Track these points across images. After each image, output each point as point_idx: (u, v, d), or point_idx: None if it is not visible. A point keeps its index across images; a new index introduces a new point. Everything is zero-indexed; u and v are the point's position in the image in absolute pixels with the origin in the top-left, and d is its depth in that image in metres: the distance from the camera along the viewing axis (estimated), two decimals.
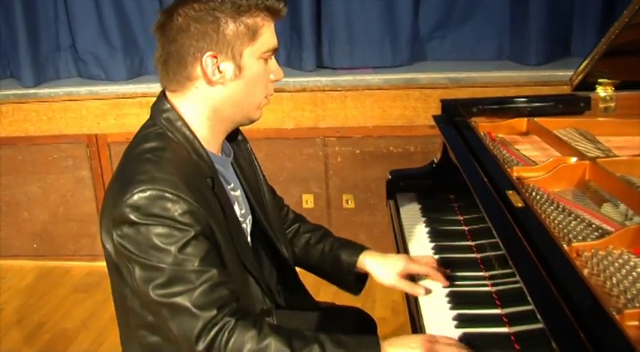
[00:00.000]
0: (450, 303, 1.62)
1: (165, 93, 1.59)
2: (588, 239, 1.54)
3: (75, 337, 3.29)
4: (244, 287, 1.60)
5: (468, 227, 1.98)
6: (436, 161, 2.39)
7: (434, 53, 3.79)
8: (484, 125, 2.33)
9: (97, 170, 3.94)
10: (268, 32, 1.54)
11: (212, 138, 1.60)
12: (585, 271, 1.42)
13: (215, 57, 1.50)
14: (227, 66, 1.51)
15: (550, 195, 1.79)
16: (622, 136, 2.19)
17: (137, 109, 3.73)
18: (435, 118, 2.35)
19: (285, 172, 3.73)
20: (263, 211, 1.78)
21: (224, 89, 1.54)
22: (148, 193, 1.41)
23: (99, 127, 3.85)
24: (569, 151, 2.02)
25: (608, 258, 1.45)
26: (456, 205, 2.14)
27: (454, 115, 2.31)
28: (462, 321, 1.53)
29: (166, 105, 1.56)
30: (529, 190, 1.84)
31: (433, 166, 2.40)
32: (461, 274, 1.75)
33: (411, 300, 1.73)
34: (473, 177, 1.81)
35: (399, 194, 2.34)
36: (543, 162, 1.97)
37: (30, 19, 3.81)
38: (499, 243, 1.50)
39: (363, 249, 1.87)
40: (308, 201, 3.79)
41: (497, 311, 1.54)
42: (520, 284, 1.32)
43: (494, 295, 1.60)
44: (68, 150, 3.94)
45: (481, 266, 1.75)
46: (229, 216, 1.57)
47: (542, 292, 1.25)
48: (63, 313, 3.54)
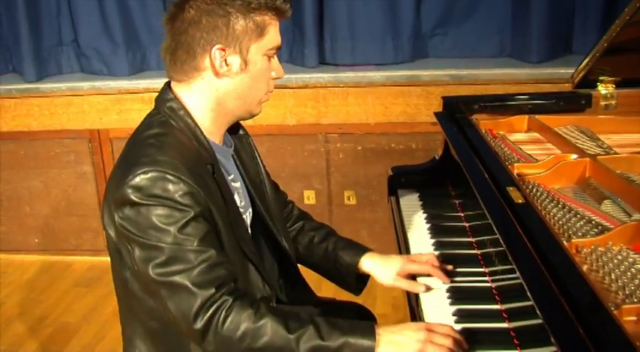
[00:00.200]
0: (450, 299, 1.63)
1: (169, 84, 1.63)
2: (588, 235, 1.55)
3: (76, 331, 3.30)
4: (244, 274, 1.62)
5: (469, 223, 1.99)
6: (437, 158, 2.40)
7: (436, 50, 3.79)
8: (485, 122, 2.34)
9: (99, 165, 3.95)
10: (274, 31, 1.59)
11: (214, 128, 1.64)
12: (585, 267, 1.43)
13: (223, 50, 1.54)
14: (234, 59, 1.56)
15: (550, 192, 1.80)
16: (623, 134, 2.20)
17: (139, 105, 3.74)
18: (437, 115, 2.35)
19: (286, 168, 3.74)
20: (264, 205, 1.79)
21: (229, 82, 1.58)
22: (150, 175, 1.44)
23: (101, 122, 3.86)
24: (569, 148, 2.03)
25: (607, 254, 1.46)
26: (457, 202, 2.15)
27: (455, 112, 2.31)
28: (462, 316, 1.54)
29: (170, 95, 1.60)
30: (530, 187, 1.85)
31: (434, 163, 2.41)
32: (461, 270, 1.75)
33: (412, 296, 1.74)
34: (474, 174, 1.82)
35: (400, 190, 2.34)
36: (544, 159, 1.98)
37: (32, 14, 3.82)
38: (499, 239, 1.51)
39: (365, 251, 1.88)
40: (309, 198, 3.79)
41: (497, 306, 1.55)
42: (520, 280, 1.33)
43: (494, 291, 1.61)
44: (70, 145, 3.95)
45: (481, 262, 1.76)
46: (229, 203, 1.60)
47: (541, 288, 1.26)
48: (64, 307, 3.55)
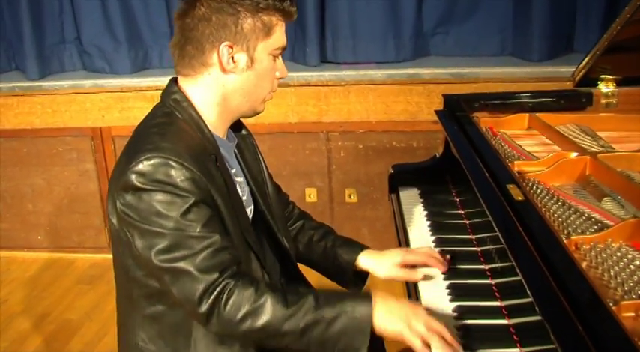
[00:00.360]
0: (450, 295, 1.63)
1: (175, 80, 1.67)
2: (587, 232, 1.56)
3: (78, 328, 3.31)
4: (246, 263, 1.64)
5: (469, 220, 1.99)
6: (438, 155, 2.41)
7: (437, 49, 3.80)
8: (486, 120, 2.34)
9: (102, 163, 3.96)
10: (280, 31, 1.64)
11: (219, 123, 1.67)
12: (584, 264, 1.44)
13: (231, 47, 1.58)
14: (241, 57, 1.60)
15: (550, 190, 1.81)
16: (623, 132, 2.21)
17: (141, 102, 3.75)
18: (438, 113, 2.36)
19: (288, 166, 3.75)
20: (265, 203, 1.81)
21: (236, 78, 1.61)
22: (153, 161, 1.46)
23: (103, 120, 3.87)
24: (569, 146, 2.03)
25: (606, 251, 1.47)
26: (458, 199, 2.16)
27: (456, 110, 2.32)
28: (462, 313, 1.54)
29: (175, 88, 1.64)
30: (530, 184, 1.85)
31: (435, 161, 2.42)
32: (461, 267, 1.76)
33: (412, 291, 1.75)
34: (474, 172, 1.83)
35: (401, 188, 2.35)
36: (544, 156, 1.99)
37: (35, 12, 3.84)
38: (499, 237, 1.52)
39: (363, 248, 1.90)
40: (311, 195, 3.81)
41: (496, 303, 1.56)
42: (519, 276, 1.34)
43: (493, 287, 1.62)
44: (73, 142, 3.97)
45: (481, 259, 1.77)
46: (232, 193, 1.63)
47: (540, 284, 1.27)
48: (67, 304, 3.57)
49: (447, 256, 1.78)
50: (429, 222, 2.07)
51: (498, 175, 1.74)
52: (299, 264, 1.93)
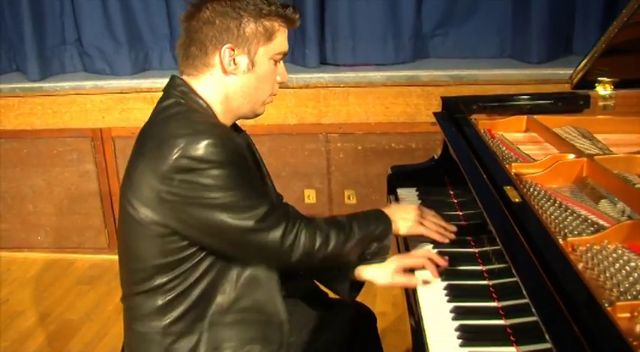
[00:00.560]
0: (448, 296, 1.64)
1: (177, 76, 1.73)
2: (584, 234, 1.57)
3: (79, 328, 3.32)
4: None
5: (467, 222, 2.00)
6: (436, 157, 2.42)
7: (436, 50, 3.81)
8: (484, 122, 2.36)
9: (102, 164, 3.97)
10: (282, 37, 1.73)
11: (224, 120, 1.72)
12: (580, 265, 1.45)
13: (233, 49, 1.65)
14: (242, 59, 1.67)
15: (547, 191, 1.82)
16: (620, 134, 2.22)
17: (141, 104, 3.77)
18: (436, 115, 2.37)
19: (287, 168, 3.76)
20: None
21: (236, 80, 1.68)
22: (199, 142, 1.52)
23: (104, 121, 3.88)
24: (567, 148, 2.04)
25: (602, 253, 1.48)
26: (456, 201, 2.17)
27: (455, 112, 2.33)
28: (460, 314, 1.56)
29: (180, 81, 1.70)
30: (527, 186, 1.87)
31: (433, 162, 2.43)
32: (459, 268, 1.77)
33: (410, 293, 1.76)
34: (472, 173, 1.84)
35: (400, 189, 2.36)
36: (542, 158, 2.00)
37: (36, 13, 3.85)
38: (496, 238, 1.53)
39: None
40: (310, 197, 3.82)
41: (493, 304, 1.57)
42: (516, 277, 1.35)
43: (491, 288, 1.63)
44: (73, 143, 3.98)
45: (479, 260, 1.78)
46: (263, 172, 1.82)
47: (537, 285, 1.28)
48: (67, 305, 3.58)
49: (446, 257, 1.79)
50: None
51: (496, 177, 1.75)
52: None
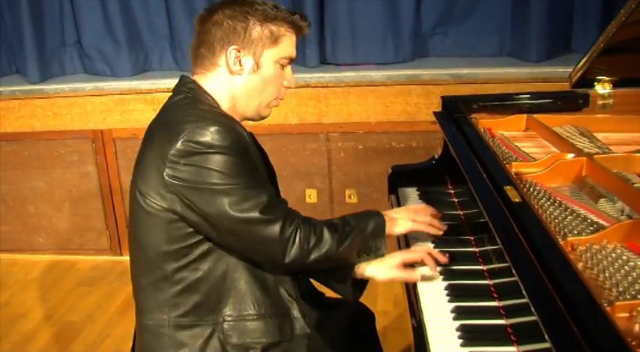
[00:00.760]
0: (449, 296, 1.65)
1: (186, 76, 1.80)
2: (583, 233, 1.57)
3: (81, 330, 3.32)
4: None
5: (468, 221, 2.01)
6: (437, 156, 2.42)
7: (436, 49, 3.82)
8: (484, 121, 2.36)
9: (103, 165, 3.98)
10: (289, 42, 1.77)
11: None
12: (579, 265, 1.45)
13: (239, 51, 1.72)
14: (247, 60, 1.74)
15: (547, 191, 1.83)
16: (619, 133, 2.23)
17: (142, 105, 3.78)
18: (436, 115, 2.38)
19: (288, 167, 3.76)
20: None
21: (242, 80, 1.75)
22: (204, 128, 1.58)
23: (104, 123, 3.89)
24: (566, 148, 2.05)
25: (601, 252, 1.49)
26: (456, 200, 2.17)
27: (455, 112, 2.34)
28: (460, 313, 1.56)
29: (188, 79, 1.78)
30: (527, 186, 1.87)
31: (434, 162, 2.43)
32: (459, 267, 1.78)
33: (411, 292, 1.76)
34: (472, 173, 1.85)
35: (401, 189, 2.37)
36: (542, 158, 2.00)
37: (36, 15, 3.86)
38: (496, 238, 1.53)
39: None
40: (311, 196, 3.82)
41: (494, 303, 1.58)
42: (516, 277, 1.35)
43: (491, 288, 1.64)
44: (74, 145, 3.99)
45: (479, 259, 1.79)
46: (268, 166, 1.85)
47: (536, 285, 1.28)
48: (69, 306, 3.58)
49: (447, 254, 1.79)
50: None
51: (496, 177, 1.75)
52: None
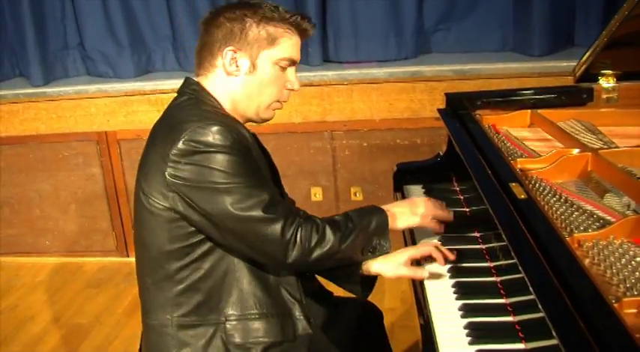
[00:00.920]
0: (456, 293, 1.64)
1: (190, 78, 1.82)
2: (590, 229, 1.57)
3: (89, 332, 3.33)
4: None
5: (474, 218, 2.00)
6: (441, 153, 2.42)
7: (438, 46, 3.82)
8: (488, 118, 2.36)
9: (108, 167, 3.98)
10: (288, 43, 1.76)
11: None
12: (586, 261, 1.45)
13: (235, 52, 1.73)
14: (244, 61, 1.74)
15: (553, 187, 1.83)
16: (624, 127, 2.22)
17: (146, 106, 3.78)
18: (440, 112, 2.37)
19: (293, 166, 3.76)
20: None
21: (239, 81, 1.75)
22: (205, 127, 1.60)
23: (108, 125, 3.89)
24: (571, 143, 2.04)
25: (608, 248, 1.48)
26: (462, 197, 2.17)
27: (459, 108, 2.34)
28: (468, 311, 1.56)
29: (192, 81, 1.80)
30: (532, 182, 1.87)
31: (438, 159, 2.43)
32: (466, 265, 1.77)
33: (418, 290, 1.76)
34: (477, 170, 1.84)
35: (406, 186, 2.37)
36: (547, 153, 2.00)
37: (38, 18, 3.86)
38: (502, 235, 1.53)
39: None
40: (316, 194, 3.82)
41: (501, 300, 1.57)
42: (523, 274, 1.35)
43: (498, 285, 1.64)
44: (78, 147, 3.99)
45: (486, 256, 1.78)
46: (271, 166, 1.86)
47: (543, 281, 1.28)
48: (76, 309, 3.59)
49: (454, 251, 1.79)
50: None
51: (501, 173, 1.75)
52: None
